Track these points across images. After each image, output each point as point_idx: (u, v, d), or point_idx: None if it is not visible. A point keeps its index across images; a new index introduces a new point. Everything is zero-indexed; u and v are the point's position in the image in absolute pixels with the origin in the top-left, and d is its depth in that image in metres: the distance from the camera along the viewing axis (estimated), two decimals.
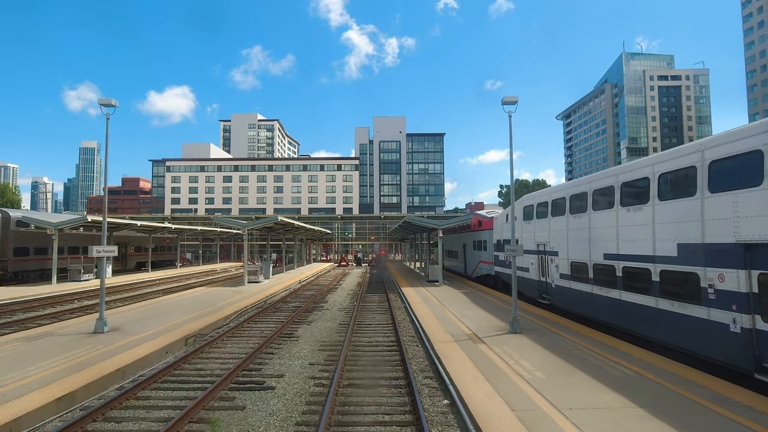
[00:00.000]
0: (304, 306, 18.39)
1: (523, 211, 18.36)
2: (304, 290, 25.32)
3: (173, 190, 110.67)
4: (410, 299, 18.77)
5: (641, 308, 10.10)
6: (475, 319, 13.89)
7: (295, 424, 6.67)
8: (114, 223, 29.21)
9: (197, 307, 16.54)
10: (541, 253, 16.32)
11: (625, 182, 11.05)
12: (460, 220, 25.69)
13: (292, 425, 6.64)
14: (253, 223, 25.41)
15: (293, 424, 6.70)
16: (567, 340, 10.87)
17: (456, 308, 16.14)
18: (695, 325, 8.37)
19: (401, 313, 16.98)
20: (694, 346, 8.61)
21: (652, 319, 9.72)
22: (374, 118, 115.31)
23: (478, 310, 15.55)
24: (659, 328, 9.54)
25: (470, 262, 28.45)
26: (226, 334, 12.76)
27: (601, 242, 11.96)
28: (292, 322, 15.03)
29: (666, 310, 9.23)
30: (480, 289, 22.68)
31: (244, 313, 16.78)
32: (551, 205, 15.50)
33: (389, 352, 11.03)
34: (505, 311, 15.23)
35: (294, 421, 6.78)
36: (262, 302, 19.84)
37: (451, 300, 18.36)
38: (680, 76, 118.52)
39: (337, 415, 6.99)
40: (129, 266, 38.00)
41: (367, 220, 63.72)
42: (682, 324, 8.74)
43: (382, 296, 22.19)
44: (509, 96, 12.06)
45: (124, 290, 24.89)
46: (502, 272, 21.48)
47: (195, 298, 19.70)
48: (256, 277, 26.49)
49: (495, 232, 22.80)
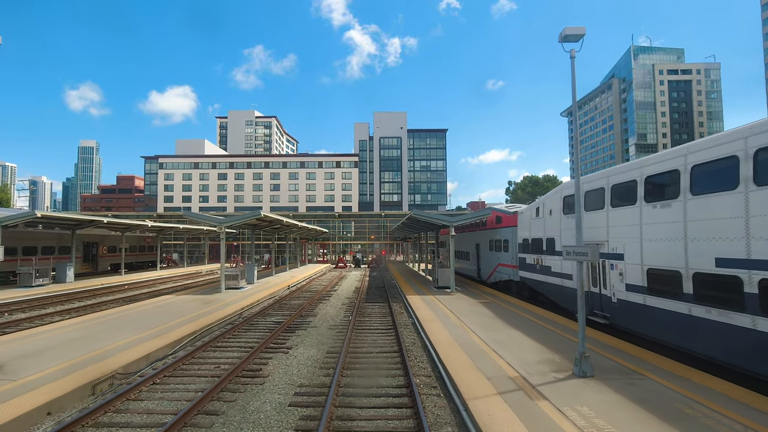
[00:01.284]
0: (286, 322, 14.56)
1: (563, 202, 14.51)
2: (291, 298, 21.49)
3: (166, 188, 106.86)
4: (419, 313, 14.94)
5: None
6: (515, 348, 10.06)
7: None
8: (74, 219, 25.39)
9: (147, 325, 12.72)
10: None
11: (764, 147, 7.19)
12: (474, 215, 21.88)
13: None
14: (231, 219, 21.58)
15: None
16: (678, 395, 7.02)
17: (482, 328, 12.30)
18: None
19: (409, 334, 13.14)
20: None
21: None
22: (374, 113, 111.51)
23: (513, 332, 11.72)
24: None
25: (485, 265, 24.62)
26: (163, 373, 8.93)
27: (709, 241, 8.12)
28: (265, 347, 11.21)
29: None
30: (501, 298, 18.84)
31: (207, 332, 12.95)
32: (610, 193, 11.66)
33: (397, 410, 7.20)
34: (552, 335, 11.39)
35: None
36: (236, 316, 16.01)
37: (471, 315, 14.52)
38: (691, 70, 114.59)
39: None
40: (101, 268, 34.15)
41: (366, 219, 59.88)
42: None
43: (383, 307, 18.37)
44: (572, 27, 8.21)
45: (77, 299, 21.05)
46: (530, 278, 17.65)
47: (152, 310, 15.87)
48: (236, 282, 22.66)
49: (520, 229, 18.96)
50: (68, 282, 25.58)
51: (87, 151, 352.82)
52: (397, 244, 62.84)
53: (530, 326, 12.48)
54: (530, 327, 12.38)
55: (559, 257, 14.65)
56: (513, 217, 20.19)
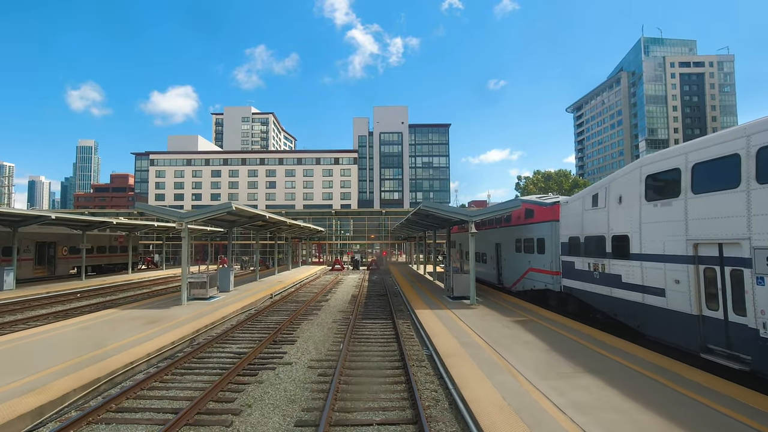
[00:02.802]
0: (250, 354, 10.21)
1: (645, 183, 10.14)
2: (270, 312, 17.15)
3: (157, 186, 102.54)
4: (438, 341, 10.58)
5: None
6: (624, 428, 5.70)
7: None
8: (15, 214, 21.04)
9: (22, 370, 8.37)
10: (710, 263, 8.14)
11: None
12: (500, 208, 17.51)
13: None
14: (196, 213, 17.20)
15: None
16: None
17: (539, 373, 7.93)
18: None
19: (428, 379, 8.77)
20: None
21: None
22: (374, 107, 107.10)
23: (597, 385, 7.32)
24: None
25: (509, 270, 20.27)
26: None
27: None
28: (204, 409, 6.90)
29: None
30: (539, 314, 14.45)
31: (129, 373, 8.60)
32: (755, 161, 7.28)
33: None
34: (671, 395, 6.99)
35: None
36: (186, 343, 11.65)
37: (512, 345, 10.13)
38: (703, 62, 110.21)
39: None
40: (61, 272, 29.77)
41: (366, 216, 55.53)
42: None
43: (385, 326, 14.03)
44: None
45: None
46: (581, 289, 13.29)
47: (65, 336, 11.52)
48: (204, 291, 18.31)
49: (564, 224, 14.61)
50: (5, 290, 21.25)
51: (85, 151, 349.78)
52: (398, 243, 58.52)
53: (621, 373, 8.08)
54: (622, 374, 7.97)
55: (637, 263, 10.30)
56: (551, 209, 15.84)
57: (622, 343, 10.09)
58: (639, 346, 9.69)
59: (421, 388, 8.18)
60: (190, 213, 17.24)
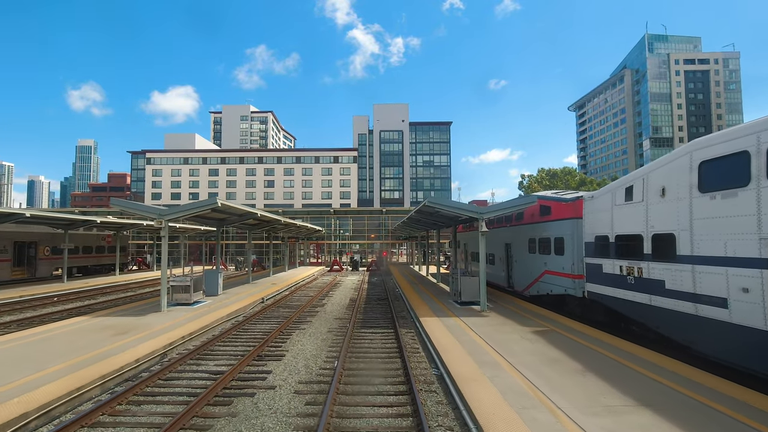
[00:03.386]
0: (229, 372, 8.58)
1: (698, 171, 8.49)
2: (260, 319, 15.52)
3: (154, 185, 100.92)
4: (448, 357, 8.94)
5: None
6: None
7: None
8: None
9: None
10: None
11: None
12: (514, 204, 15.85)
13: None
14: (176, 210, 15.56)
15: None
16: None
17: (577, 404, 6.28)
18: None
19: (439, 410, 7.14)
20: None
21: None
22: (374, 105, 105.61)
23: (651, 419, 5.67)
24: None
25: (521, 272, 18.63)
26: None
27: None
28: None
29: None
30: (559, 323, 12.80)
31: (70, 404, 6.98)
32: None
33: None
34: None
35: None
36: (157, 359, 10.01)
37: (539, 366, 8.48)
38: (708, 59, 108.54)
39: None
40: (42, 273, 28.12)
41: (365, 216, 53.88)
42: None
43: (387, 337, 12.39)
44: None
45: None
46: (610, 296, 11.66)
47: (3, 355, 9.90)
48: (188, 296, 16.68)
49: (588, 223, 12.98)
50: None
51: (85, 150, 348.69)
52: (399, 243, 56.90)
53: (693, 410, 6.45)
54: (694, 412, 6.35)
55: (687, 266, 8.66)
56: (572, 206, 14.19)
57: (676, 365, 8.41)
58: (702, 371, 7.98)
59: (432, 423, 6.56)
60: (170, 210, 15.59)
